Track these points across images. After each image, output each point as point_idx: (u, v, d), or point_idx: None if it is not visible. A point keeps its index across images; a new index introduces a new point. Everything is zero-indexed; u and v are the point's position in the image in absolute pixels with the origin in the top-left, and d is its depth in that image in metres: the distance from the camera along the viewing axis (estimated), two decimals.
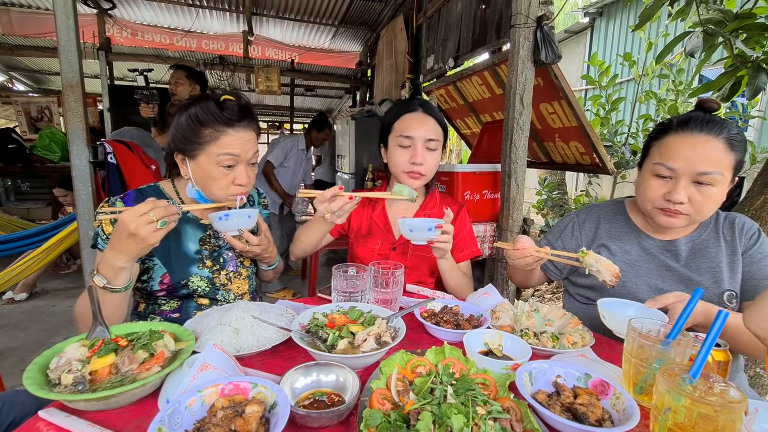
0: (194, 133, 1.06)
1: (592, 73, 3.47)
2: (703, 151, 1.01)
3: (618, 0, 7.32)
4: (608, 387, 0.73)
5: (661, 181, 1.08)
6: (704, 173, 1.01)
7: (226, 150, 1.07)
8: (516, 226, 2.21)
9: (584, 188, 4.73)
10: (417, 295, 1.32)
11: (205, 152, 1.07)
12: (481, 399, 0.65)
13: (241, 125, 1.09)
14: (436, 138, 1.36)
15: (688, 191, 1.04)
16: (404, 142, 1.36)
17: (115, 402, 0.68)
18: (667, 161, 1.06)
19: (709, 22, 1.98)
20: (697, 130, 1.03)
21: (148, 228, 0.86)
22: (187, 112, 1.08)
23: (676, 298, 0.94)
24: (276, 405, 0.64)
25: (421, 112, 1.38)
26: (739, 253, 1.10)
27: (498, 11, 2.60)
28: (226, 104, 1.08)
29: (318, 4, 4.88)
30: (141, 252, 0.91)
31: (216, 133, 1.06)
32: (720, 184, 1.02)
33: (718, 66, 3.24)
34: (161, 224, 0.88)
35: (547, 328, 0.98)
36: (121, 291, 0.94)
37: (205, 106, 1.07)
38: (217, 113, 1.06)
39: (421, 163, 1.34)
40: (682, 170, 1.03)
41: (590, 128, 2.27)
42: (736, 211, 1.78)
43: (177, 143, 1.10)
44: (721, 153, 1.00)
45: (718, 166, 1.00)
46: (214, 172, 1.08)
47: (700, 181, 1.02)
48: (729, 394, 0.57)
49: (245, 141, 1.10)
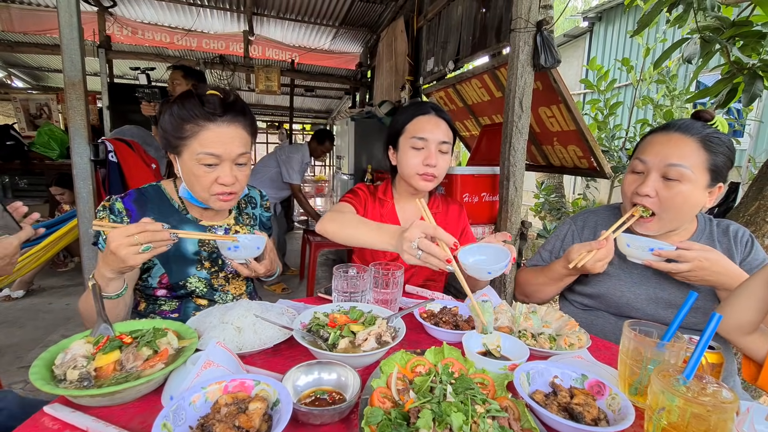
0: (176, 128, 1.04)
1: (591, 77, 3.50)
2: (675, 147, 1.05)
3: (617, 5, 7.37)
4: (604, 388, 0.74)
5: (635, 175, 1.13)
6: (672, 165, 1.04)
7: (206, 149, 1.03)
8: (514, 229, 2.23)
9: (582, 191, 4.76)
10: (416, 296, 1.34)
11: (188, 149, 1.04)
12: (480, 398, 0.66)
13: (223, 120, 1.05)
14: (448, 141, 1.38)
15: (656, 185, 1.07)
16: (418, 144, 1.36)
17: (119, 398, 0.69)
18: (641, 155, 1.11)
19: (706, 29, 2.00)
20: (674, 129, 1.08)
21: (128, 250, 0.85)
22: (170, 109, 1.06)
23: (701, 247, 1.01)
24: (279, 402, 0.65)
25: (434, 115, 1.39)
26: (736, 261, 1.12)
27: (498, 15, 2.63)
28: (207, 98, 1.05)
29: (319, 5, 4.90)
30: (122, 270, 0.90)
31: (197, 127, 1.03)
32: (688, 181, 1.03)
33: (715, 72, 3.28)
34: (144, 248, 0.87)
35: (544, 329, 1.00)
36: (113, 298, 0.96)
37: (186, 100, 1.05)
38: (198, 107, 1.03)
39: (435, 165, 1.36)
40: (652, 163, 1.07)
41: (588, 132, 2.29)
42: (732, 217, 1.81)
43: (163, 140, 1.09)
44: (693, 150, 1.03)
45: (688, 161, 1.03)
46: (196, 170, 1.05)
47: (668, 176, 1.05)
48: (721, 395, 0.58)
49: (229, 138, 1.06)
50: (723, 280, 1.00)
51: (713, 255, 0.99)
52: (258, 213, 1.36)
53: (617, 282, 1.18)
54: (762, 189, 1.72)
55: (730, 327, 0.88)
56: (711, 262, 0.98)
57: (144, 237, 0.86)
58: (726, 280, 1.00)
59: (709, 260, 0.98)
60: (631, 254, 1.06)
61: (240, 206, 1.31)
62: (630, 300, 1.15)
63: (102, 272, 0.91)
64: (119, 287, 0.96)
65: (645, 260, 1.04)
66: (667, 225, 1.11)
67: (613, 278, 1.19)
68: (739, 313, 0.87)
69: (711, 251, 1.00)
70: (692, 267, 0.99)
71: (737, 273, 0.99)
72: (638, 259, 1.05)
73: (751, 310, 0.85)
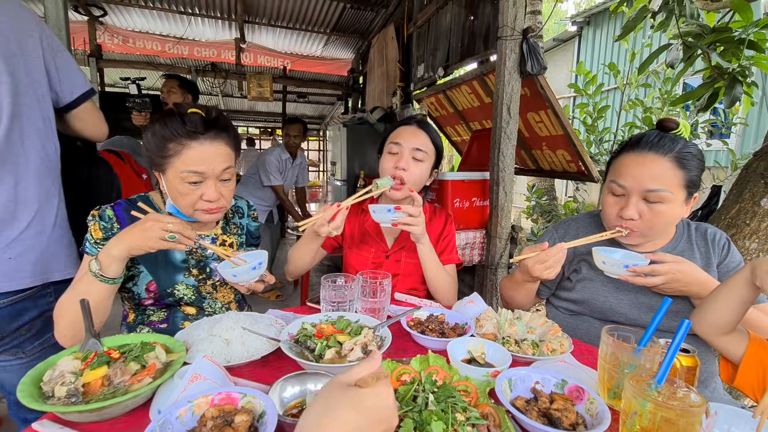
0: (159, 147, 1.06)
1: (579, 81, 3.55)
2: (650, 170, 1.06)
3: (605, 10, 7.48)
4: (583, 393, 0.76)
5: (616, 198, 1.14)
6: (651, 191, 1.06)
7: (189, 167, 1.05)
8: (505, 233, 2.25)
9: (572, 194, 4.81)
10: (405, 303, 1.35)
11: (172, 167, 1.06)
12: (461, 406, 0.68)
13: (205, 138, 1.07)
14: (424, 149, 1.40)
15: (638, 208, 1.08)
16: (393, 149, 1.42)
17: (107, 413, 0.70)
18: (618, 178, 1.12)
19: (688, 34, 2.05)
20: (646, 149, 1.08)
21: (158, 231, 0.93)
22: (152, 128, 1.08)
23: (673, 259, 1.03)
24: (264, 414, 0.66)
25: (415, 126, 1.45)
26: (714, 265, 1.15)
27: (486, 23, 2.67)
28: (188, 117, 1.07)
29: (310, 13, 4.93)
30: (138, 245, 0.94)
31: (179, 146, 1.05)
32: (669, 201, 1.06)
33: (698, 75, 3.34)
34: (170, 237, 0.94)
35: (528, 335, 1.02)
36: (108, 282, 0.96)
37: (168, 120, 1.06)
38: (179, 126, 1.05)
39: (404, 169, 1.38)
40: (631, 188, 1.09)
41: (576, 137, 2.33)
42: (714, 220, 1.85)
43: (148, 158, 1.11)
44: (668, 171, 1.05)
45: (665, 184, 1.05)
46: (180, 188, 1.07)
47: (648, 199, 1.07)
48: (690, 399, 0.61)
49: (212, 155, 1.08)
50: (695, 290, 1.03)
51: (685, 266, 1.02)
52: (245, 223, 1.37)
53: (600, 287, 1.20)
54: (742, 192, 1.76)
55: (708, 327, 0.90)
56: (683, 274, 1.01)
57: (176, 227, 0.95)
58: (698, 290, 1.03)
59: (682, 272, 1.01)
60: (607, 270, 1.09)
61: (227, 216, 1.33)
62: (613, 305, 1.18)
63: (111, 250, 0.94)
64: (118, 272, 0.97)
65: (621, 276, 1.06)
66: (649, 238, 1.14)
67: (596, 284, 1.21)
68: (716, 312, 0.89)
69: (683, 262, 1.03)
70: (665, 280, 1.02)
71: (709, 282, 1.02)
72: (614, 275, 1.08)
73: (728, 310, 0.87)
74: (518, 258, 1.15)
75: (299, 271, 1.45)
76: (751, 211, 1.71)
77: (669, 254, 1.04)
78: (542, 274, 1.11)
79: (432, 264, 1.39)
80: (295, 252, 1.42)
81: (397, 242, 1.49)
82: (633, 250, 1.17)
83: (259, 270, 1.09)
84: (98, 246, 1.06)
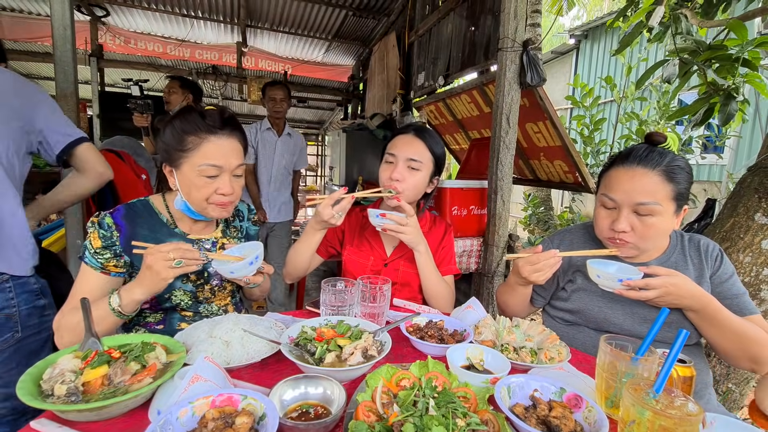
0: (178, 141, 1.10)
1: (576, 94, 3.60)
2: (640, 184, 1.09)
3: (602, 24, 7.60)
4: (581, 401, 0.77)
5: (608, 211, 1.16)
6: (641, 204, 1.08)
7: (208, 161, 1.09)
8: (502, 242, 2.27)
9: (569, 204, 4.84)
10: (404, 309, 1.36)
11: (189, 161, 1.10)
12: (461, 411, 0.68)
13: (223, 133, 1.12)
14: (419, 159, 1.39)
15: (630, 220, 1.11)
16: (389, 158, 1.42)
17: (107, 413, 0.70)
18: (609, 192, 1.14)
19: (684, 51, 2.10)
20: (635, 163, 1.11)
21: (163, 264, 0.94)
22: (172, 123, 1.12)
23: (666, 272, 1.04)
24: (265, 416, 0.66)
25: (412, 135, 1.43)
26: (707, 276, 1.16)
27: (486, 34, 2.70)
28: (207, 112, 1.12)
29: (312, 19, 4.97)
30: (157, 285, 0.98)
31: (198, 140, 1.09)
32: (660, 213, 1.08)
33: (694, 90, 3.41)
34: (176, 263, 0.95)
35: (527, 343, 1.03)
36: (122, 317, 1.00)
37: (188, 115, 1.12)
38: (199, 121, 1.10)
39: (398, 179, 1.38)
40: (622, 201, 1.11)
41: (573, 148, 2.36)
42: (709, 233, 1.87)
43: (164, 154, 1.14)
44: (658, 185, 1.08)
45: (655, 197, 1.07)
46: (197, 181, 1.10)
47: (639, 212, 1.10)
48: (687, 408, 0.62)
49: (228, 150, 1.13)
50: (688, 303, 1.05)
51: (678, 280, 1.03)
52: (245, 226, 1.38)
53: (595, 298, 1.22)
54: (737, 206, 1.79)
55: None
56: (676, 287, 1.03)
57: (176, 253, 0.96)
58: (691, 302, 1.04)
59: (675, 285, 1.03)
60: (601, 284, 1.11)
61: (227, 219, 1.33)
62: (608, 315, 1.19)
63: (132, 294, 0.98)
64: (136, 309, 1.02)
65: (615, 290, 1.08)
66: (643, 250, 1.16)
67: (591, 294, 1.23)
68: None
69: (676, 276, 1.04)
70: (659, 294, 1.03)
71: (701, 295, 1.04)
72: (609, 288, 1.10)
73: None
74: (511, 256, 1.18)
75: (297, 272, 1.45)
76: (746, 225, 1.73)
77: (662, 267, 1.06)
78: (530, 276, 1.14)
79: (429, 272, 1.39)
80: (294, 251, 1.42)
81: (396, 251, 1.50)
82: (627, 262, 1.19)
83: (256, 264, 1.09)
84: (98, 256, 1.06)
